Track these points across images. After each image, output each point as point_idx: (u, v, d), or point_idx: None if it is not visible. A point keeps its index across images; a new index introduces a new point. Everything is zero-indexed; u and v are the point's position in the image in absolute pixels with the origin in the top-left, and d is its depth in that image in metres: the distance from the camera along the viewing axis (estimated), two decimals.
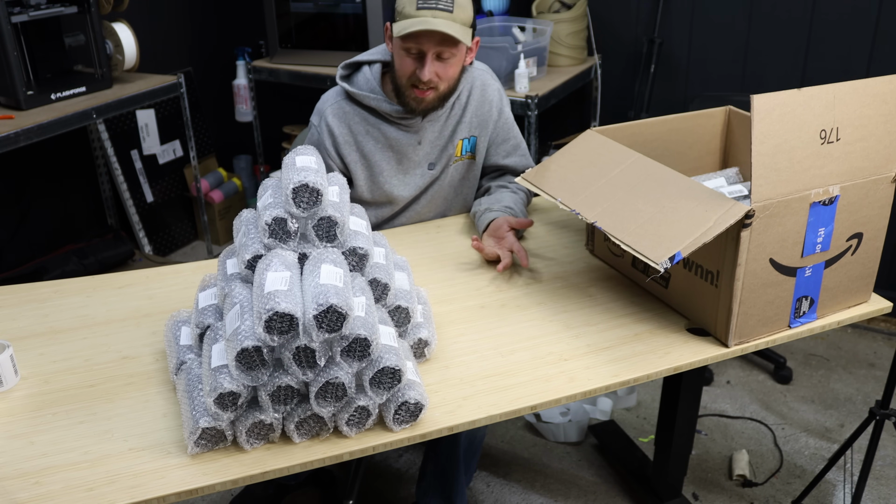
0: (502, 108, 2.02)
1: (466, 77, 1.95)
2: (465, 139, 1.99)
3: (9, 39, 2.62)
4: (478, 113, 1.98)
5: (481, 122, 1.99)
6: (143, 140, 3.60)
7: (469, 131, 1.99)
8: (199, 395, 1.28)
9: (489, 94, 1.99)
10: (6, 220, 3.28)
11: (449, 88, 1.86)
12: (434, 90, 1.83)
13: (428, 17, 1.71)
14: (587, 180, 1.63)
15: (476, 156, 2.03)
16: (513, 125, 2.06)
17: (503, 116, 2.02)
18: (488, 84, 2.00)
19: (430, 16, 1.72)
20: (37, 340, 1.59)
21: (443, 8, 1.73)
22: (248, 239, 1.37)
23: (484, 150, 2.02)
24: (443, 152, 1.98)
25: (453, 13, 1.74)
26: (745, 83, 3.18)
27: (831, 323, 1.62)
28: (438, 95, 1.85)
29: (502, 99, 2.03)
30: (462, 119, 1.97)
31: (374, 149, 1.94)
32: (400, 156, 1.95)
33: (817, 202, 1.46)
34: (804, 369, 2.90)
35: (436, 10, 1.72)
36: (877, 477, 2.38)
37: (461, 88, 1.95)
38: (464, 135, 1.98)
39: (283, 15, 3.41)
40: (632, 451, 2.47)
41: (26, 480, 1.22)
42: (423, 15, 1.72)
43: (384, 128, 1.92)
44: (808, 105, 1.40)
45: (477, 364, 1.49)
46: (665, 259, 1.37)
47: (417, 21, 1.71)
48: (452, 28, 1.73)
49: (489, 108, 1.99)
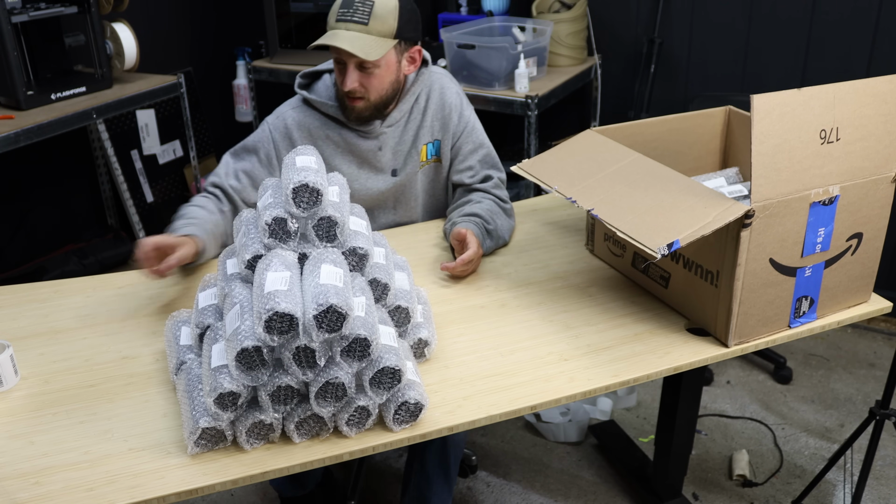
0: (462, 111, 2.00)
1: (424, 82, 1.95)
2: (428, 143, 1.99)
3: (9, 39, 2.62)
4: (438, 116, 1.98)
5: (443, 125, 1.99)
6: (143, 140, 3.60)
7: (432, 135, 1.99)
8: (199, 395, 1.28)
9: (448, 98, 1.98)
10: (6, 220, 3.28)
11: (381, 98, 1.85)
12: (363, 100, 1.83)
13: (339, 31, 1.74)
14: (585, 173, 1.63)
15: (441, 159, 2.02)
16: (476, 129, 2.03)
17: (464, 119, 2.00)
18: (447, 87, 1.99)
19: (343, 28, 1.74)
20: (37, 340, 1.59)
21: (357, 20, 1.73)
22: (248, 239, 1.37)
23: (448, 152, 2.01)
24: (408, 159, 1.97)
25: (368, 25, 1.74)
26: (745, 83, 3.18)
27: (831, 323, 1.62)
28: (369, 105, 1.84)
29: (462, 101, 2.01)
30: (423, 124, 1.97)
31: (334, 153, 1.93)
32: (360, 160, 1.95)
33: (817, 202, 1.46)
34: (804, 369, 2.90)
35: (349, 23, 1.74)
36: (877, 477, 2.38)
37: (418, 93, 1.95)
38: (427, 139, 1.98)
39: (283, 15, 3.41)
40: (632, 451, 2.47)
41: (26, 480, 1.22)
42: (336, 27, 1.75)
43: (345, 133, 1.93)
44: (808, 105, 1.40)
45: (477, 364, 1.49)
46: (663, 246, 1.37)
47: (328, 35, 1.75)
48: (360, 42, 1.73)
49: (449, 111, 1.98)
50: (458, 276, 1.80)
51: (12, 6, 2.63)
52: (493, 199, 1.98)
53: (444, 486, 1.95)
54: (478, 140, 2.02)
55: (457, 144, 2.01)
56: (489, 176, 2.01)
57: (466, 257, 1.76)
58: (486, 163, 2.03)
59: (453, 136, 2.00)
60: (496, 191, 2.01)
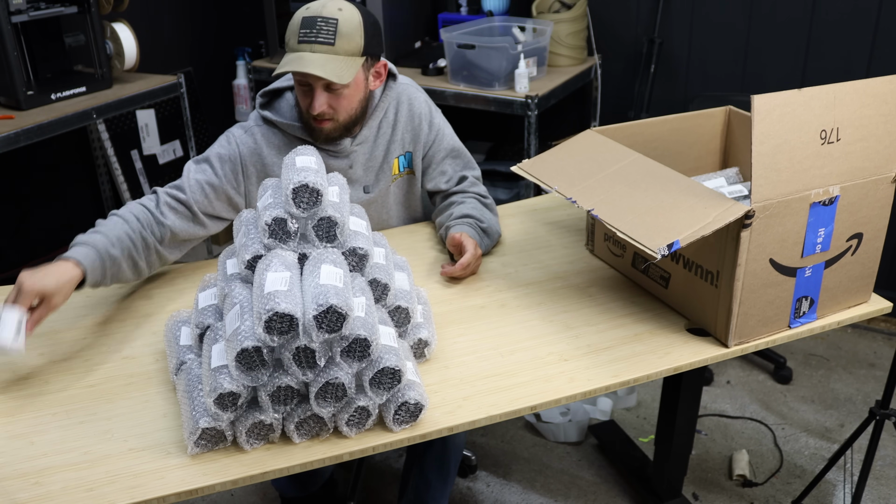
0: (432, 119, 1.95)
1: (391, 95, 1.89)
2: (400, 156, 1.93)
3: (9, 39, 2.62)
4: (409, 128, 1.92)
5: (414, 137, 1.93)
6: (143, 140, 3.60)
7: (403, 148, 1.93)
8: (199, 396, 1.28)
9: (416, 108, 1.92)
10: (6, 220, 3.28)
11: (350, 117, 1.78)
12: (331, 121, 1.75)
13: (305, 54, 1.65)
14: (585, 173, 1.63)
15: (414, 170, 1.97)
16: (446, 134, 1.98)
17: (434, 127, 1.95)
18: (414, 97, 1.93)
19: (308, 50, 1.65)
20: (37, 340, 1.59)
21: (322, 41, 1.65)
22: (248, 239, 1.37)
23: (420, 163, 1.97)
24: (379, 174, 1.92)
25: (335, 45, 1.65)
26: (745, 83, 3.18)
27: (831, 323, 1.62)
28: (338, 126, 1.77)
29: (431, 109, 1.96)
30: (393, 138, 1.91)
31: None
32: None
33: (817, 202, 1.46)
34: (804, 369, 2.90)
35: (315, 45, 1.65)
36: (877, 477, 2.38)
37: (387, 107, 1.89)
38: (398, 152, 1.92)
39: (283, 15, 3.41)
40: (632, 451, 2.47)
41: (26, 480, 1.22)
42: (301, 49, 1.65)
43: None
44: (809, 105, 1.40)
45: (477, 364, 1.49)
46: (663, 246, 1.37)
47: (292, 58, 1.65)
48: (331, 65, 1.65)
49: (419, 122, 1.93)
50: (458, 277, 1.80)
51: (17, 7, 2.63)
52: (474, 198, 1.96)
53: (442, 489, 1.95)
54: (449, 145, 1.98)
55: (429, 154, 1.97)
56: (464, 177, 1.99)
57: (464, 261, 1.75)
58: (460, 164, 2.00)
59: (424, 145, 1.95)
60: (474, 188, 1.98)
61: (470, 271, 1.79)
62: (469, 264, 1.76)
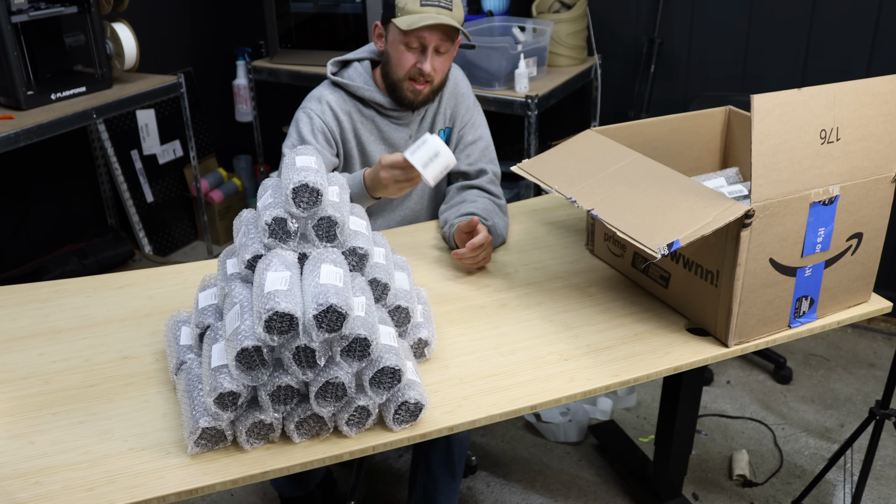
0: (472, 102, 2.10)
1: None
2: (441, 130, 2.06)
3: (9, 39, 2.62)
4: (451, 104, 2.06)
5: (453, 114, 2.07)
6: (143, 140, 3.60)
7: (444, 122, 2.07)
8: (199, 395, 1.28)
9: (461, 88, 2.08)
10: (6, 220, 3.28)
11: (441, 82, 1.96)
12: (429, 84, 1.91)
13: (433, 13, 1.82)
14: (585, 173, 1.63)
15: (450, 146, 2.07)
16: (480, 121, 2.10)
17: (470, 110, 2.08)
18: (459, 78, 2.09)
19: (435, 12, 1.82)
20: (37, 340, 1.59)
21: (444, 6, 1.84)
22: (248, 239, 1.37)
23: (455, 141, 2.07)
24: None
25: (452, 11, 1.85)
26: (745, 83, 3.18)
27: (831, 323, 1.62)
28: (433, 89, 1.94)
29: (470, 93, 2.11)
30: (438, 112, 2.05)
31: (370, 139, 1.98)
32: (393, 150, 1.99)
33: (817, 202, 1.46)
34: (804, 369, 2.90)
35: (439, 8, 1.83)
36: (877, 477, 2.38)
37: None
38: (440, 126, 2.06)
39: (283, 15, 3.41)
40: (632, 451, 2.47)
41: (26, 480, 1.22)
42: (427, 11, 1.82)
43: (378, 121, 1.98)
44: (808, 105, 1.40)
45: (477, 364, 1.49)
46: (663, 246, 1.37)
47: (425, 16, 1.81)
48: (454, 24, 1.84)
49: (460, 101, 2.07)
50: (470, 266, 1.80)
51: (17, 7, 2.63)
52: (488, 198, 1.99)
53: (451, 484, 1.95)
54: (479, 131, 2.09)
55: (461, 132, 2.07)
56: (484, 170, 2.03)
57: (477, 241, 1.76)
58: (485, 155, 2.07)
59: (461, 123, 2.07)
60: (491, 186, 2.02)
61: (482, 257, 1.80)
62: (481, 245, 1.77)
